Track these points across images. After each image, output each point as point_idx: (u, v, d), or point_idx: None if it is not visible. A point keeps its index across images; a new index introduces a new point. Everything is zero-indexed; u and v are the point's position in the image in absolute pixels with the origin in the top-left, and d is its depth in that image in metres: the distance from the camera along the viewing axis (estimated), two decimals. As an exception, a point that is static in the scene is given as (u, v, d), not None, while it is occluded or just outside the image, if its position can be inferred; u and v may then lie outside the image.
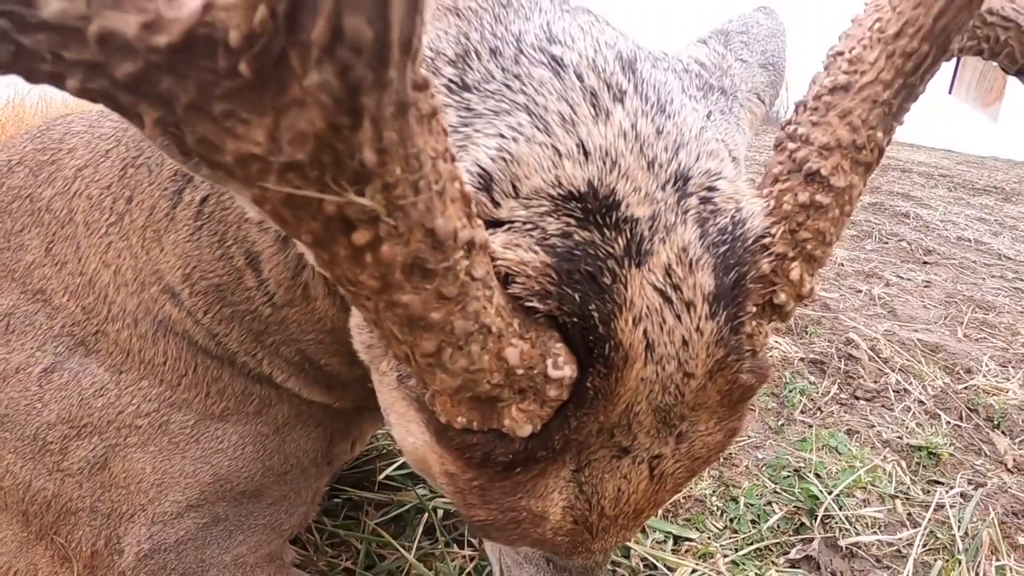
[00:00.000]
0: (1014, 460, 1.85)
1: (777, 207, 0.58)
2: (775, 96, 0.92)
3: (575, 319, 0.50)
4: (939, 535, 1.50)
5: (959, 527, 1.51)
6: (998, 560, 1.45)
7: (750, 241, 0.57)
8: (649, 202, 0.53)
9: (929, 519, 1.53)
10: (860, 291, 3.05)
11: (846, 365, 2.28)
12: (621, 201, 0.52)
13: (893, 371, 2.26)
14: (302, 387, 0.97)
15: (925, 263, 3.71)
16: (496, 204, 0.51)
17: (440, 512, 1.38)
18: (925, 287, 3.25)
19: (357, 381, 0.93)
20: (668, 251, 0.52)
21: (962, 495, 1.65)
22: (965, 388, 2.21)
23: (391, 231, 0.34)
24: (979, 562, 1.43)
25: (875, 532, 1.49)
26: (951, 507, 1.58)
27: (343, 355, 0.87)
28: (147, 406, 0.94)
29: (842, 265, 3.42)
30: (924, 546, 1.47)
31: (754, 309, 0.58)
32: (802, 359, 2.29)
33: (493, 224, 0.51)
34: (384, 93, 0.28)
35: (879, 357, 2.34)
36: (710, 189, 0.57)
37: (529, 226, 0.50)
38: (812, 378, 2.20)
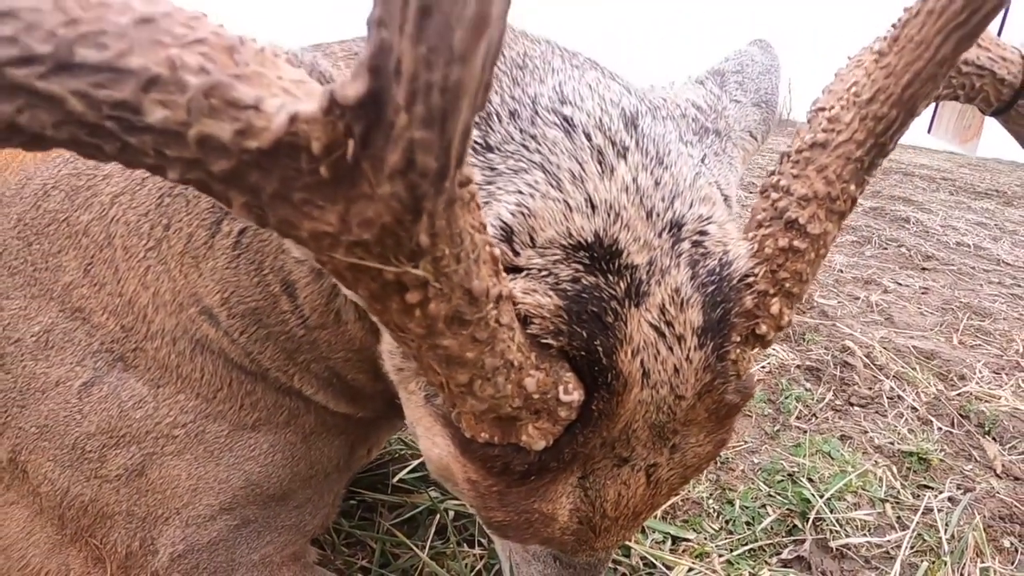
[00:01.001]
0: (1003, 465, 1.93)
1: (760, 250, 0.67)
2: (767, 131, 1.00)
3: (583, 352, 0.59)
4: (926, 537, 1.58)
5: (946, 530, 1.59)
6: (983, 562, 1.53)
7: (735, 280, 0.66)
8: (647, 249, 0.61)
9: (917, 522, 1.62)
10: (858, 298, 3.13)
11: (842, 372, 2.37)
12: (623, 250, 0.60)
13: (888, 378, 2.35)
14: (329, 400, 1.04)
15: (924, 269, 3.78)
16: (516, 253, 0.60)
17: (451, 513, 1.47)
18: (923, 294, 3.33)
19: (379, 394, 1.02)
20: (663, 292, 0.61)
21: (950, 499, 1.74)
22: (958, 395, 2.29)
23: (437, 292, 0.42)
24: (964, 564, 1.52)
25: (865, 534, 1.58)
26: (939, 511, 1.67)
27: (368, 371, 0.96)
28: (184, 417, 1.01)
29: (841, 271, 3.50)
30: (912, 548, 1.55)
31: (738, 339, 0.67)
32: (799, 366, 2.38)
33: (513, 270, 0.60)
34: (440, 197, 0.37)
35: (874, 364, 2.42)
36: (701, 233, 0.66)
37: (544, 272, 0.59)
38: (808, 385, 2.28)
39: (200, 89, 0.34)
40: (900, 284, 3.44)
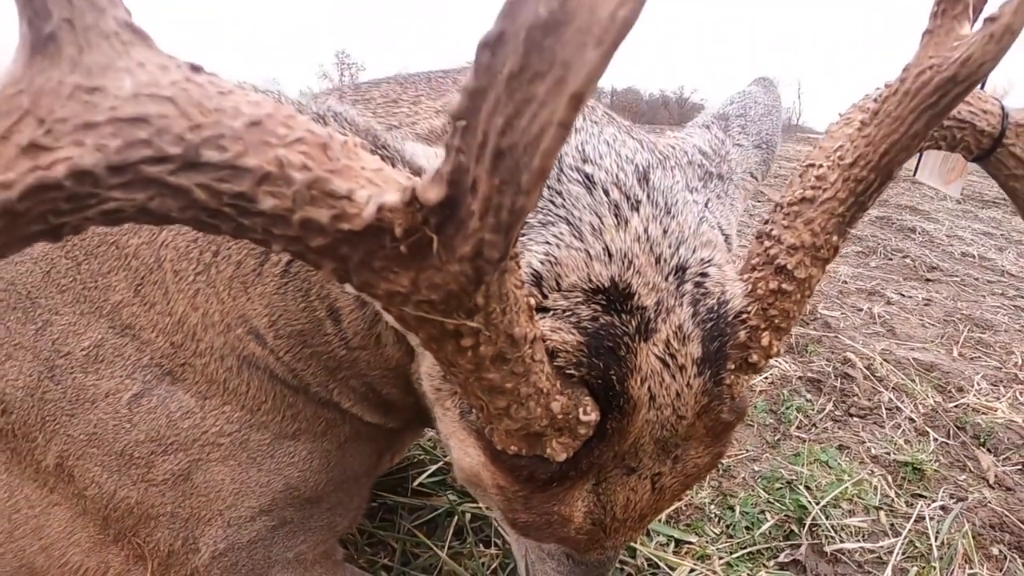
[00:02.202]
0: (996, 476, 2.04)
1: (753, 290, 0.79)
2: (767, 170, 1.11)
3: (600, 380, 0.70)
4: (918, 544, 1.69)
5: (936, 537, 1.70)
6: (971, 568, 1.64)
7: (731, 317, 0.77)
8: (655, 291, 0.73)
9: (909, 529, 1.73)
10: (861, 309, 3.24)
11: (842, 384, 2.47)
12: (635, 293, 0.72)
13: (887, 390, 2.46)
14: (364, 411, 1.15)
15: (928, 280, 3.88)
16: (544, 295, 0.72)
17: (468, 515, 1.59)
18: (925, 305, 3.43)
19: (408, 406, 1.13)
20: (668, 328, 0.73)
21: (943, 508, 1.84)
22: (955, 406, 2.39)
23: (486, 338, 0.54)
24: (953, 570, 1.63)
25: (858, 540, 1.69)
26: (931, 519, 1.78)
27: (400, 386, 1.07)
28: (229, 427, 1.10)
29: (845, 283, 3.61)
30: (903, 554, 1.66)
31: (733, 367, 0.79)
32: (800, 377, 2.49)
33: (541, 309, 0.71)
34: (497, 272, 0.48)
35: (874, 376, 2.53)
36: (702, 275, 0.77)
37: (568, 313, 0.71)
38: (809, 396, 2.39)
39: (304, 183, 0.44)
40: (903, 295, 3.54)
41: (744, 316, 0.78)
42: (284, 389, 1.11)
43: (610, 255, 0.73)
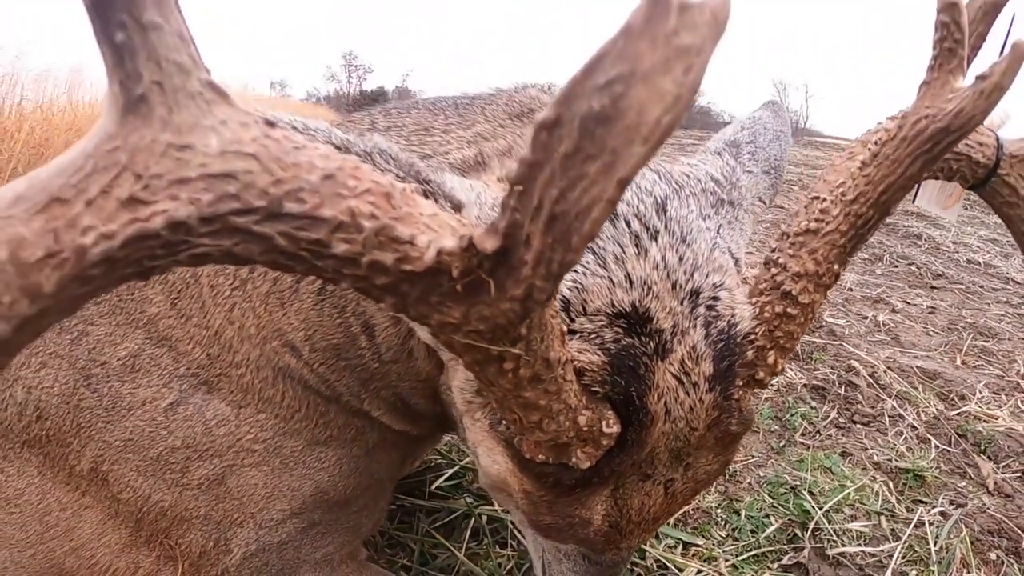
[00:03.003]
0: (995, 483, 2.12)
1: (760, 313, 0.87)
2: (775, 194, 1.19)
3: (621, 396, 0.78)
4: (917, 549, 1.77)
5: (935, 542, 1.78)
6: (969, 572, 1.72)
7: (740, 338, 0.85)
8: (672, 315, 0.81)
9: (909, 534, 1.81)
10: (866, 317, 3.31)
11: (846, 391, 2.55)
12: (653, 316, 0.80)
13: (890, 397, 2.53)
14: (392, 420, 1.22)
15: (933, 288, 3.96)
16: (571, 319, 0.80)
17: (485, 518, 1.67)
18: (930, 313, 3.51)
19: (434, 415, 1.20)
20: (683, 349, 0.81)
21: (942, 514, 1.92)
22: (957, 414, 2.47)
23: (526, 362, 0.62)
24: (951, 574, 1.71)
25: (860, 544, 1.77)
26: (930, 524, 1.85)
27: (428, 396, 1.14)
28: (263, 434, 1.16)
29: (851, 290, 3.68)
30: (903, 558, 1.74)
31: (741, 384, 0.87)
32: (805, 385, 2.57)
33: (569, 332, 0.80)
34: (541, 307, 0.56)
35: (878, 384, 2.61)
36: (714, 299, 0.85)
37: (593, 335, 0.79)
38: (813, 403, 2.47)
39: (372, 231, 0.52)
40: (908, 303, 3.62)
41: (752, 337, 0.86)
42: (317, 398, 1.17)
43: (631, 282, 0.81)
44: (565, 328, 0.67)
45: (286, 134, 0.48)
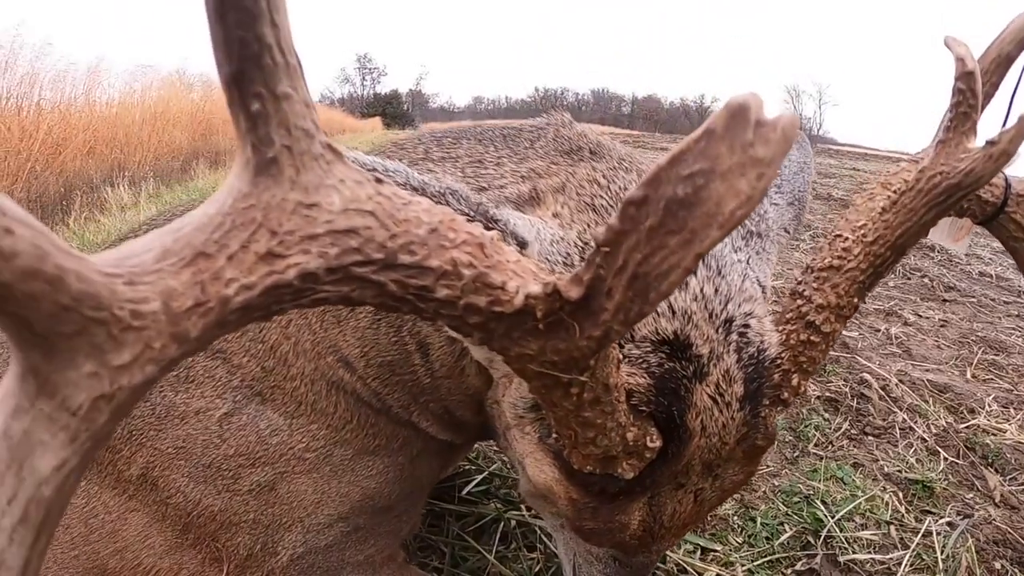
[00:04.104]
0: (1001, 495, 2.22)
1: (786, 340, 0.98)
2: (799, 224, 1.30)
3: (664, 415, 0.90)
4: (924, 557, 1.88)
5: (942, 551, 1.89)
6: (974, 580, 1.83)
7: (768, 363, 0.96)
8: (709, 342, 0.92)
9: (917, 543, 1.92)
10: (879, 330, 3.42)
11: (858, 404, 2.66)
12: (692, 343, 0.91)
13: (901, 410, 2.64)
14: (437, 430, 1.31)
15: (945, 301, 4.06)
16: (621, 346, 0.91)
17: (513, 522, 1.79)
18: (941, 326, 3.61)
19: (476, 426, 1.30)
20: (718, 372, 0.92)
21: (949, 524, 2.03)
22: (966, 427, 2.58)
23: (589, 387, 0.73)
24: (957, 581, 1.82)
25: (870, 552, 1.88)
26: (938, 534, 1.96)
27: (474, 409, 1.24)
28: (315, 443, 1.23)
29: (864, 303, 3.78)
30: (911, 566, 1.85)
31: (768, 403, 0.98)
32: (818, 397, 2.68)
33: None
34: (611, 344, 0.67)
35: (889, 397, 2.72)
36: (745, 326, 0.96)
37: (640, 360, 0.90)
38: (826, 415, 2.59)
39: (470, 278, 0.63)
40: (920, 316, 3.72)
41: (779, 362, 0.98)
42: (368, 410, 1.25)
43: (673, 312, 0.92)
44: (621, 355, 0.79)
45: (394, 191, 0.55)
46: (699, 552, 1.80)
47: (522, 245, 0.86)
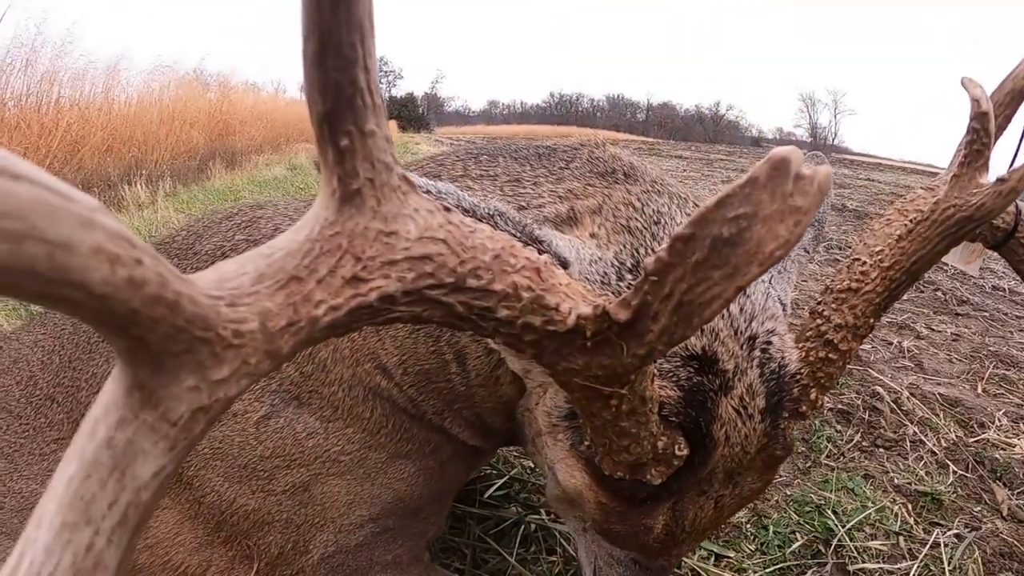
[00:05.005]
0: (1009, 509, 2.28)
1: (805, 357, 1.05)
2: (818, 244, 1.38)
3: (692, 425, 0.97)
4: (932, 568, 1.94)
5: (949, 563, 1.96)
6: (980, 591, 1.90)
7: (788, 377, 1.04)
8: (734, 358, 1.00)
9: (925, 554, 1.98)
10: (891, 343, 3.48)
11: (870, 416, 2.73)
12: (719, 359, 0.99)
13: (912, 423, 2.71)
14: (468, 436, 1.36)
15: (957, 315, 4.11)
16: (654, 361, 0.99)
17: (533, 526, 1.86)
18: (954, 340, 3.67)
19: (505, 432, 1.36)
20: (742, 386, 0.99)
21: (957, 536, 2.09)
22: (976, 441, 2.64)
23: (628, 399, 0.81)
24: (964, 592, 1.89)
25: (879, 562, 1.94)
26: (945, 546, 2.03)
27: (505, 416, 1.30)
28: (350, 447, 1.28)
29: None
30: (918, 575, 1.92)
31: (787, 415, 1.05)
32: (831, 409, 2.75)
33: None
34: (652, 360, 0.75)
35: (900, 410, 2.78)
36: (767, 343, 1.04)
37: (671, 374, 0.98)
38: (839, 427, 2.65)
39: (529, 300, 0.69)
40: (933, 330, 3.78)
41: (798, 377, 1.05)
42: (403, 416, 1.30)
43: (701, 329, 1.00)
44: (655, 370, 0.86)
45: (460, 219, 0.59)
46: (713, 558, 1.87)
47: (564, 264, 0.93)
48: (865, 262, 1.05)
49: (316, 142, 0.51)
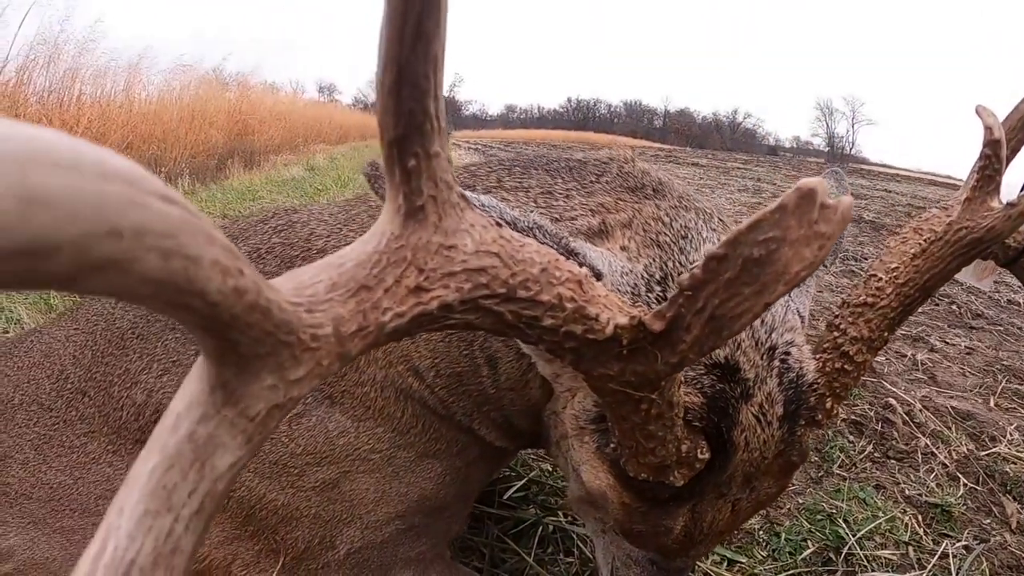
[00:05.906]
0: (1018, 522, 2.32)
1: (822, 367, 1.11)
2: (836, 258, 1.43)
3: (713, 430, 1.03)
4: (941, 578, 2.00)
5: (957, 574, 2.00)
6: (988, 602, 1.94)
7: (805, 387, 1.09)
8: (754, 367, 1.05)
9: (934, 564, 2.03)
10: (905, 356, 3.52)
11: (882, 428, 2.77)
12: (740, 368, 1.04)
13: (924, 436, 2.75)
14: (495, 437, 1.41)
15: (972, 328, 4.14)
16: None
17: (551, 527, 1.91)
18: (967, 354, 3.70)
19: (531, 434, 1.41)
20: (761, 394, 1.05)
21: (966, 547, 2.13)
22: (987, 455, 2.68)
23: (656, 404, 0.87)
24: (972, 602, 1.93)
25: (888, 571, 1.99)
26: (954, 556, 2.07)
27: (531, 418, 1.34)
28: (380, 445, 1.32)
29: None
30: (928, 585, 1.97)
31: (804, 423, 1.11)
32: (844, 420, 2.79)
33: None
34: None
35: (912, 422, 2.83)
36: (786, 354, 1.09)
37: (695, 381, 1.03)
38: (851, 437, 2.70)
39: (572, 311, 0.74)
40: (947, 343, 3.81)
41: (815, 387, 1.10)
42: (432, 416, 1.34)
43: None
44: (681, 377, 0.92)
45: (511, 234, 0.63)
46: (725, 563, 1.92)
47: (598, 277, 0.99)
48: (881, 278, 1.10)
49: (384, 162, 0.55)
